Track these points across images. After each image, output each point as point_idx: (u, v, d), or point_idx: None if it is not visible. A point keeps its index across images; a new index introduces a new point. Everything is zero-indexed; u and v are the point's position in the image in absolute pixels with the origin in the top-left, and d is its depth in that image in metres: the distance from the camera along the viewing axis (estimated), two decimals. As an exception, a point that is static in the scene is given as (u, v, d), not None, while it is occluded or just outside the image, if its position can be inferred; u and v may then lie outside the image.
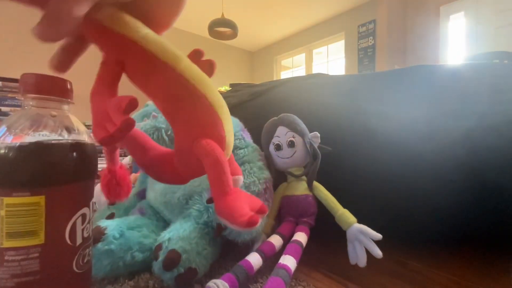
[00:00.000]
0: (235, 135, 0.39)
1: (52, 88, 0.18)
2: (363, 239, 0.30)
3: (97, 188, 0.55)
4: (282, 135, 0.40)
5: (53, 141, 0.17)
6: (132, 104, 0.16)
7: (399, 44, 2.71)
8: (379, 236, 0.29)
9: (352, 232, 0.32)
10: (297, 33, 3.63)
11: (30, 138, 0.17)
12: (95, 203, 0.54)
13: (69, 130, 0.19)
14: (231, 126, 0.21)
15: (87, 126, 0.21)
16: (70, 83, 0.19)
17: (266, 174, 0.37)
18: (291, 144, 0.39)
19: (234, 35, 2.50)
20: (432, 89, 0.44)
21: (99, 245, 0.28)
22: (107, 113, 0.17)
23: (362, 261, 0.30)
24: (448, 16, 2.55)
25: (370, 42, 2.84)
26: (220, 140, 0.20)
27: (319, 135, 0.40)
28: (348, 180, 0.40)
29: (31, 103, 0.18)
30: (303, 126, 0.41)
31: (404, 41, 2.75)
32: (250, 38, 3.80)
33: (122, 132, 0.16)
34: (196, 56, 0.24)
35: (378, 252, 0.29)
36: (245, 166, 0.37)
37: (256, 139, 0.42)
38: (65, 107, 0.19)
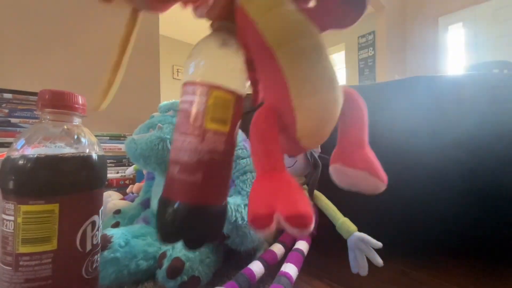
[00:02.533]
0: (237, 145, 0.40)
1: (67, 103, 0.20)
2: (363, 248, 0.31)
3: (103, 196, 0.56)
4: (283, 145, 0.41)
5: (67, 153, 0.19)
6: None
7: (398, 55, 2.74)
8: (379, 244, 0.30)
9: (352, 241, 0.32)
10: (298, 44, 3.70)
11: (47, 149, 0.18)
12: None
13: (82, 141, 0.20)
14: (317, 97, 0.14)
15: (97, 137, 0.22)
16: (84, 98, 0.21)
17: (268, 183, 0.38)
18: (292, 154, 0.40)
19: (236, 46, 2.55)
20: (431, 99, 0.45)
21: (105, 253, 0.29)
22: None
23: (363, 269, 0.30)
24: (447, 26, 2.59)
25: (370, 52, 2.88)
26: (285, 112, 0.15)
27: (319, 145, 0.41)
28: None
29: (48, 116, 0.19)
30: (303, 136, 0.42)
31: (403, 51, 2.79)
32: (252, 49, 3.87)
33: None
34: None
35: (378, 261, 0.29)
36: (247, 176, 0.38)
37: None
38: (79, 120, 0.21)
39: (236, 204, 0.32)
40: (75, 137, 0.20)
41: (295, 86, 0.14)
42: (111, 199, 0.55)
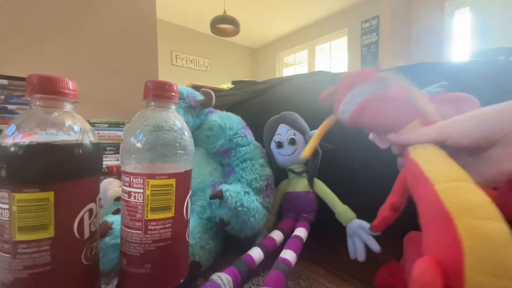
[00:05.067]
0: (237, 133, 0.39)
1: (58, 88, 0.19)
2: (362, 234, 0.31)
3: (103, 183, 0.57)
4: (283, 132, 0.40)
5: (59, 141, 0.18)
6: (395, 206, 0.26)
7: (402, 41, 2.67)
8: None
9: (351, 228, 0.32)
10: (299, 29, 3.61)
11: (38, 136, 0.18)
12: (100, 199, 0.55)
13: (75, 128, 0.20)
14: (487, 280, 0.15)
15: (92, 124, 0.22)
16: (75, 83, 0.20)
17: (268, 171, 0.38)
18: (292, 142, 0.39)
19: (236, 32, 2.49)
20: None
21: (106, 239, 0.29)
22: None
23: (361, 255, 0.31)
24: (453, 11, 2.51)
25: (374, 38, 2.81)
26: (450, 264, 0.16)
27: (320, 132, 0.41)
28: (348, 177, 0.41)
29: (38, 103, 0.19)
30: (304, 124, 0.41)
31: (407, 37, 2.72)
32: (252, 35, 3.78)
33: (382, 224, 0.27)
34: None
35: (376, 247, 0.29)
36: (247, 163, 0.37)
37: (258, 136, 0.43)
38: (71, 106, 0.20)
39: (236, 191, 0.32)
40: (68, 124, 0.19)
41: (473, 263, 0.15)
42: (112, 186, 0.55)
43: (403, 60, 2.62)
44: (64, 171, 0.18)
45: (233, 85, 0.82)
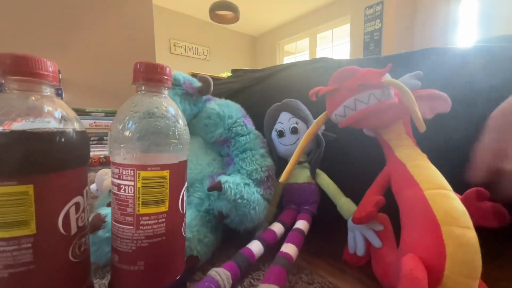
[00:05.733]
0: (236, 122, 0.37)
1: (35, 69, 0.17)
2: (363, 229, 0.29)
3: (99, 174, 0.55)
4: (285, 121, 0.38)
5: (38, 128, 0.16)
6: (379, 204, 0.25)
7: (407, 27, 2.60)
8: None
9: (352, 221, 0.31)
10: (301, 16, 3.51)
11: (14, 124, 0.16)
12: (97, 190, 0.53)
13: (55, 115, 0.18)
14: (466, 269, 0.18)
15: (88, 114, 0.20)
16: (55, 64, 0.18)
17: (269, 161, 0.36)
18: (294, 131, 0.38)
19: (235, 18, 2.41)
20: (442, 73, 0.41)
21: (100, 232, 0.28)
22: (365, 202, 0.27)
23: (360, 250, 0.29)
24: (461, -3, 2.43)
25: (377, 25, 2.73)
26: (433, 264, 0.18)
27: (323, 121, 0.39)
28: (352, 168, 0.39)
29: (12, 85, 0.17)
30: (307, 112, 0.39)
31: (412, 24, 2.64)
32: (252, 22, 3.68)
33: (367, 218, 0.25)
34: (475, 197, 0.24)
35: (378, 243, 0.28)
36: (247, 153, 0.36)
37: (259, 125, 0.41)
38: (51, 90, 0.18)
39: (235, 183, 0.31)
40: (48, 110, 0.17)
41: (452, 265, 0.18)
42: (108, 177, 0.54)
43: (406, 48, 2.56)
44: (43, 162, 0.16)
45: (232, 74, 0.79)
